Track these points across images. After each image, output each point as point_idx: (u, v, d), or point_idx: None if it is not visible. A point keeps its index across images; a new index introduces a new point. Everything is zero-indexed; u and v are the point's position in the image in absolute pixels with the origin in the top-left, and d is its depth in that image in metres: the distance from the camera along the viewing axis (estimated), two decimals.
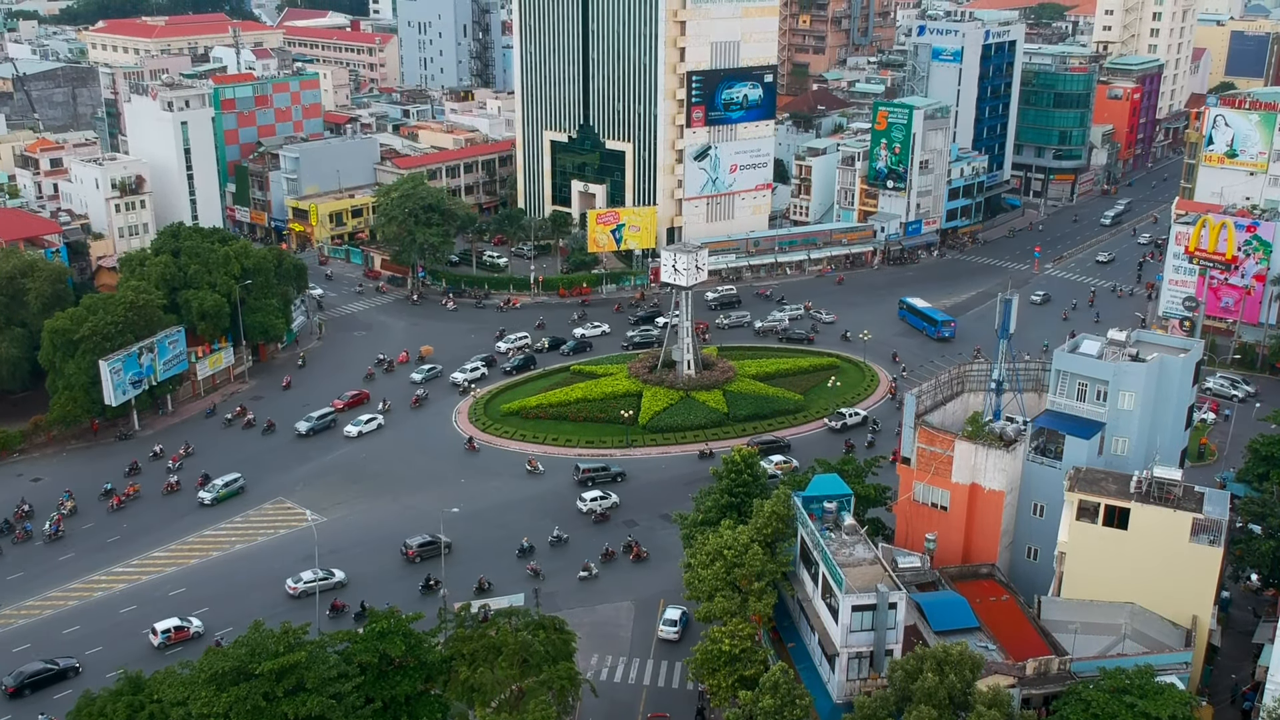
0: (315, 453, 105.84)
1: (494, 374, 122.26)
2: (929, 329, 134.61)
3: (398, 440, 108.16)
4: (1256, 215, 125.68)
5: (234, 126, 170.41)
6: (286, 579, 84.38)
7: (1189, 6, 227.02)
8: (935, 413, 78.51)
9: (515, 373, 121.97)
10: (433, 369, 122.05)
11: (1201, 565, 64.77)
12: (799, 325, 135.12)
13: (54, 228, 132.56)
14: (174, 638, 77.54)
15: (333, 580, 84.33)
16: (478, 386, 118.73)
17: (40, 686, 73.31)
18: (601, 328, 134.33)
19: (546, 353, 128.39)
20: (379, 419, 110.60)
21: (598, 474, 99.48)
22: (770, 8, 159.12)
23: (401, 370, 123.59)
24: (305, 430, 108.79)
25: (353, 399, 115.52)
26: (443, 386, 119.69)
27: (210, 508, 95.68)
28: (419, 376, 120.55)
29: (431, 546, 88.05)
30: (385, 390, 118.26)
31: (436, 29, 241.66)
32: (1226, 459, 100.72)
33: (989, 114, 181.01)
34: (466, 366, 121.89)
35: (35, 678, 73.49)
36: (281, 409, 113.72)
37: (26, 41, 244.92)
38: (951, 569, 72.44)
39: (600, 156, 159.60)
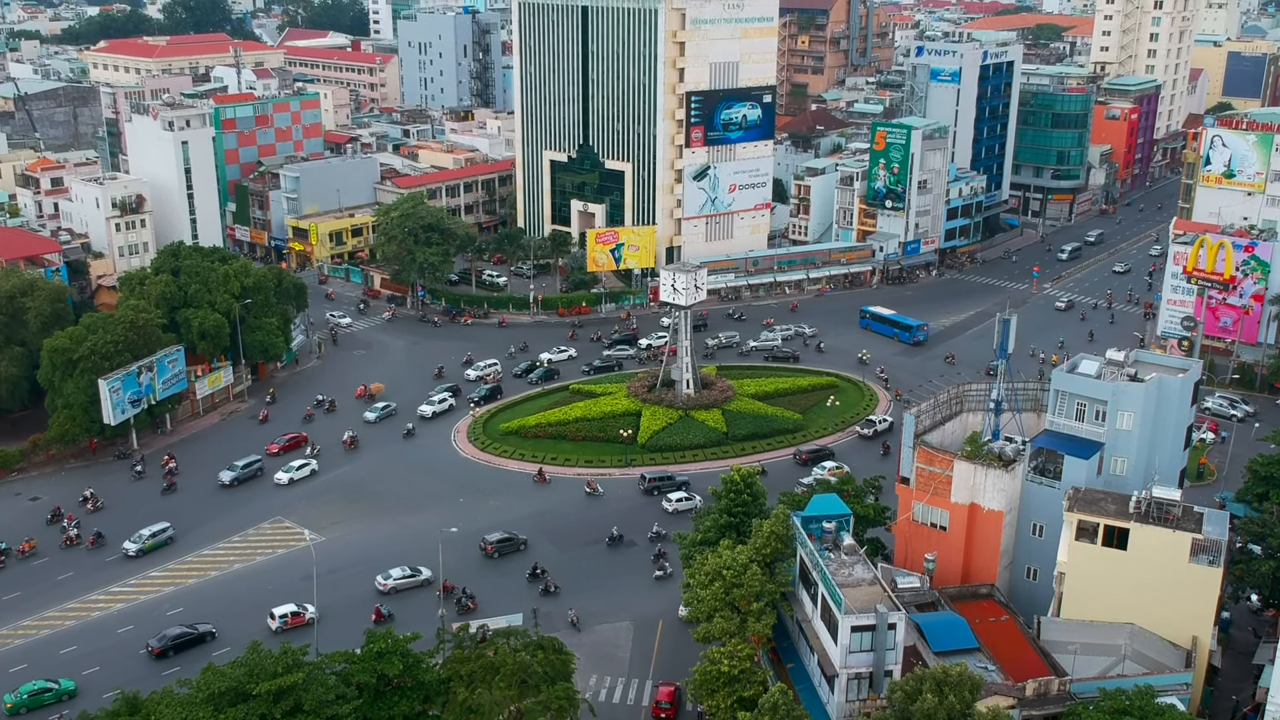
0: (238, 504, 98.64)
1: (463, 403, 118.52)
2: (903, 335, 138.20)
3: (397, 460, 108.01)
4: (1254, 235, 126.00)
5: (234, 146, 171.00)
6: (376, 575, 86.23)
7: (1186, 28, 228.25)
8: (934, 432, 78.54)
9: (483, 403, 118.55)
10: (387, 407, 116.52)
11: (1201, 586, 64.69)
12: (788, 344, 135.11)
13: (54, 247, 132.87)
14: (290, 623, 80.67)
15: (420, 577, 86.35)
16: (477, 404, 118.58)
17: (182, 649, 78.63)
18: (568, 351, 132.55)
19: (518, 378, 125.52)
20: (312, 464, 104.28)
21: (663, 483, 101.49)
22: (769, 28, 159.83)
23: (347, 410, 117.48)
24: (229, 480, 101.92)
25: (288, 442, 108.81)
26: (397, 425, 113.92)
27: (136, 559, 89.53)
28: (373, 416, 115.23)
29: (509, 543, 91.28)
30: (336, 429, 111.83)
31: (437, 49, 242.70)
32: (1226, 479, 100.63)
33: (987, 134, 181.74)
34: (434, 398, 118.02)
35: (178, 640, 78.91)
36: (217, 454, 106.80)
37: (28, 61, 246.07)
38: (951, 589, 72.32)
39: (600, 176, 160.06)
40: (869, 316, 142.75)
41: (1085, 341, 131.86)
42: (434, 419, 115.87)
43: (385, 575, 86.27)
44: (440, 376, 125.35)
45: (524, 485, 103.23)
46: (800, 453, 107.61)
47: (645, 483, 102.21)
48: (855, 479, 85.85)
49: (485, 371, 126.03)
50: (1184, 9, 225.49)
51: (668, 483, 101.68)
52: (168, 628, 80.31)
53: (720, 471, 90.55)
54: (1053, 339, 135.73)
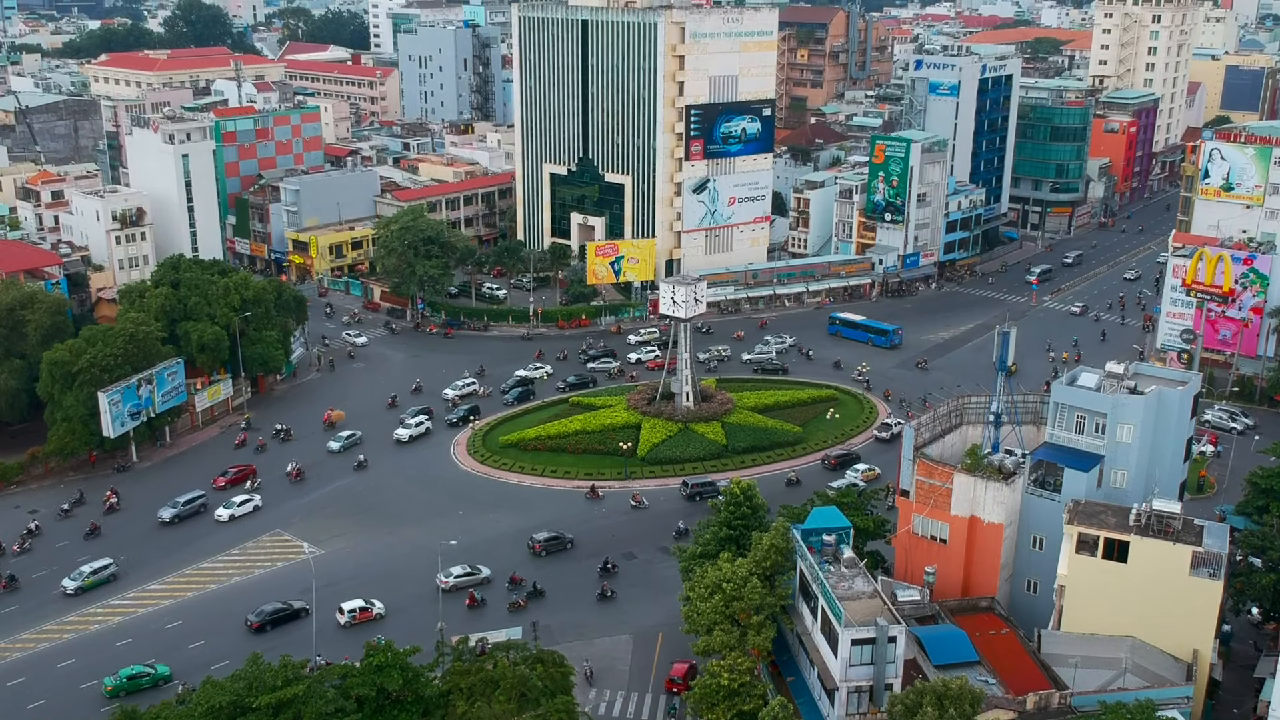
0: (178, 542, 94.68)
1: (439, 424, 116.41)
2: (878, 339, 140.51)
3: (395, 473, 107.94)
4: (1253, 248, 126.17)
5: (235, 159, 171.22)
6: (438, 574, 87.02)
7: (1184, 41, 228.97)
8: (934, 445, 78.52)
9: (461, 424, 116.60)
10: (352, 436, 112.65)
11: (1202, 599, 64.60)
12: (780, 357, 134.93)
13: (54, 259, 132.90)
14: (359, 618, 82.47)
15: (480, 575, 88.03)
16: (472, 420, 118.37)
17: (279, 624, 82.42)
18: (544, 368, 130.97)
19: (492, 397, 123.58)
20: (255, 499, 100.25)
21: (704, 488, 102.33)
22: (768, 42, 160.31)
23: (309, 439, 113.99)
24: (169, 517, 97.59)
25: (236, 475, 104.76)
26: (363, 451, 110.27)
27: (75, 597, 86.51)
28: (337, 445, 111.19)
29: (556, 541, 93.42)
30: (298, 458, 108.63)
31: (437, 63, 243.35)
32: (1226, 491, 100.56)
33: (986, 147, 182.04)
34: (409, 421, 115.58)
35: (275, 616, 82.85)
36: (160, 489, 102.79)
37: (29, 75, 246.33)
38: (951, 602, 72.22)
39: (599, 189, 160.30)
40: (839, 323, 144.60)
41: (1098, 341, 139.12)
42: (411, 443, 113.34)
43: (446, 573, 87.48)
44: (411, 395, 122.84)
45: (523, 497, 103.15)
46: (829, 457, 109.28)
47: (688, 489, 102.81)
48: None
49: (464, 390, 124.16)
50: (1182, 23, 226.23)
51: (709, 488, 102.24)
52: (265, 603, 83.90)
53: (720, 483, 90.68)
54: (1064, 342, 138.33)
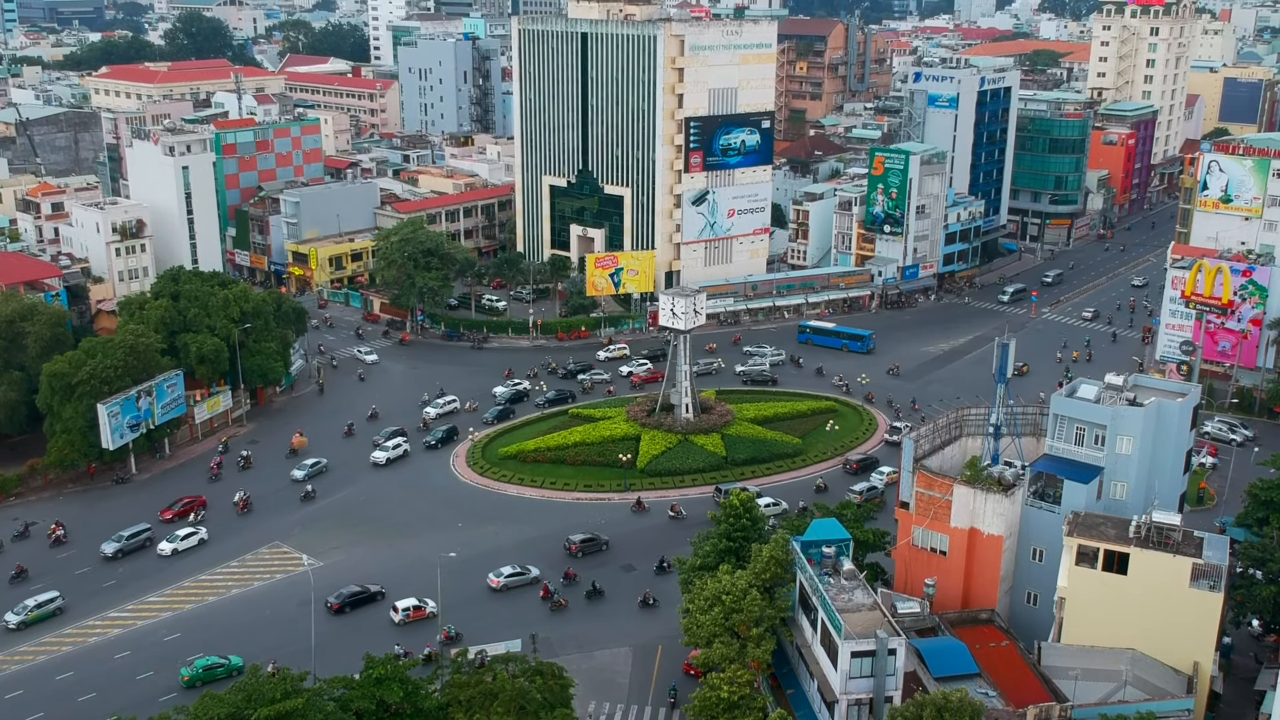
0: (122, 578, 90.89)
1: (417, 446, 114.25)
2: (853, 344, 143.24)
3: (395, 484, 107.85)
4: (1252, 260, 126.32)
5: (235, 171, 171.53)
6: (489, 573, 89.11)
7: (1182, 54, 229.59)
8: (933, 457, 78.48)
9: (440, 445, 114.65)
10: (317, 464, 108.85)
11: (1202, 611, 64.53)
12: (765, 370, 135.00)
13: (54, 271, 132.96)
14: (412, 616, 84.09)
15: (530, 575, 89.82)
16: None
17: (357, 605, 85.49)
18: (521, 384, 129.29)
19: (469, 413, 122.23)
20: (200, 533, 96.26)
21: None
22: (767, 55, 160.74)
23: (269, 465, 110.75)
24: (112, 553, 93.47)
25: (183, 507, 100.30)
26: (332, 480, 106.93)
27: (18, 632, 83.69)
28: (300, 474, 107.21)
29: (593, 543, 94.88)
30: (261, 485, 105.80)
31: (437, 75, 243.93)
32: (1226, 503, 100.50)
33: (985, 159, 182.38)
34: (386, 444, 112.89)
35: (354, 598, 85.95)
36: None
37: (30, 87, 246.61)
38: (951, 614, 72.12)
39: (599, 201, 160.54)
40: (809, 331, 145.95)
41: (1109, 342, 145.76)
42: (388, 465, 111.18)
43: (496, 573, 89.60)
44: (374, 418, 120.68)
45: (524, 509, 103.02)
46: (850, 461, 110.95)
47: (723, 495, 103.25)
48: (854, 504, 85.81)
49: (445, 409, 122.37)
50: (1180, 35, 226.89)
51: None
52: (344, 586, 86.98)
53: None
54: (1077, 344, 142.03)
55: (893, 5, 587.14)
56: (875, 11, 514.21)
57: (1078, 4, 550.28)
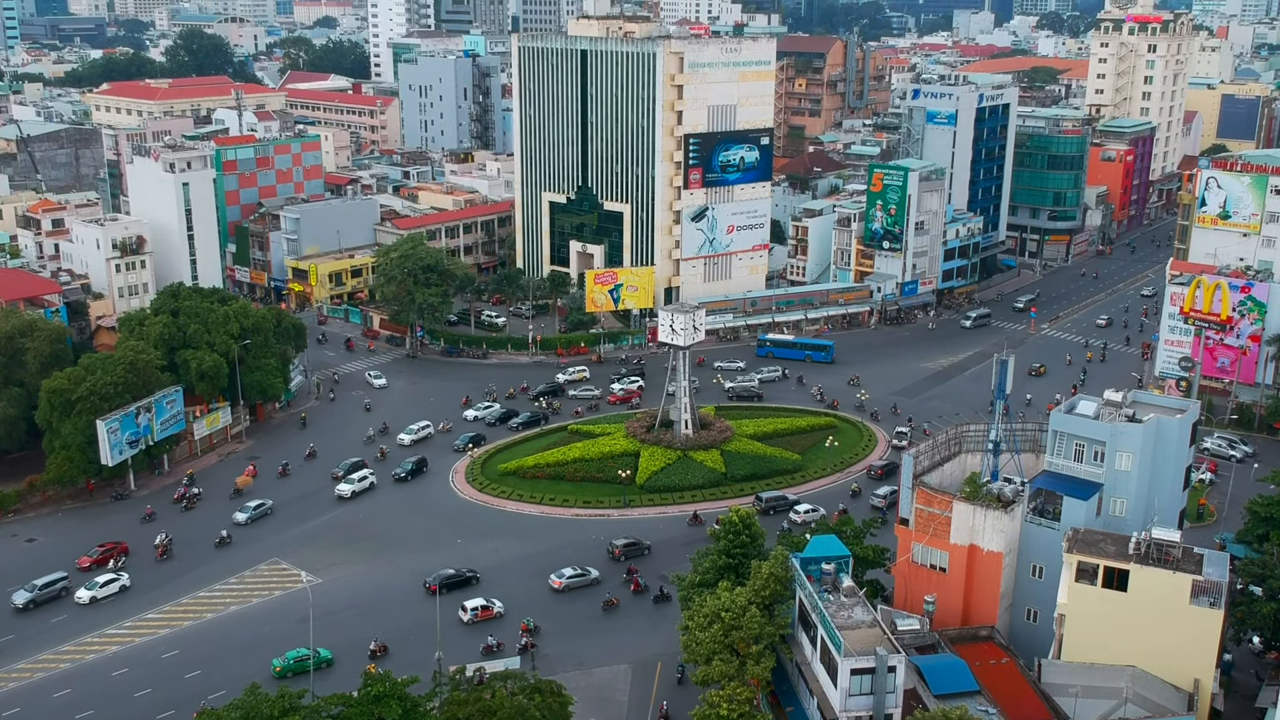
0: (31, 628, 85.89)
1: (386, 478, 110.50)
2: (816, 355, 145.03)
3: (394, 500, 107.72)
4: (1250, 276, 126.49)
5: (235, 187, 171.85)
6: (550, 574, 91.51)
7: (1180, 71, 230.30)
8: (933, 473, 78.42)
9: (410, 478, 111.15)
10: (261, 506, 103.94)
11: (1202, 628, 64.39)
12: (753, 385, 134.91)
13: (54, 287, 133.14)
14: (480, 615, 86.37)
15: (590, 576, 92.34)
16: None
17: (454, 588, 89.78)
18: (493, 407, 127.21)
19: (444, 433, 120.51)
20: (121, 579, 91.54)
21: (777, 503, 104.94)
22: (766, 72, 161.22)
23: (214, 502, 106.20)
24: (23, 603, 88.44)
25: (103, 554, 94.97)
26: (268, 527, 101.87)
27: None
28: (243, 517, 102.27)
29: (634, 547, 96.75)
30: (203, 526, 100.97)
31: (437, 92, 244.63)
32: (1225, 520, 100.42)
33: (984, 175, 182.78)
34: (353, 476, 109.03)
35: (450, 580, 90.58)
36: None
37: (31, 103, 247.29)
38: (951, 631, 71.95)
39: (598, 217, 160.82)
40: (769, 344, 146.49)
41: (1123, 344, 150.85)
42: (354, 499, 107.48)
43: (559, 574, 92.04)
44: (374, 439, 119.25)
45: (523, 526, 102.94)
46: (874, 468, 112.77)
47: (762, 503, 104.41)
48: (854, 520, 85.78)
49: (419, 434, 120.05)
50: (1178, 52, 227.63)
51: (782, 502, 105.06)
52: (441, 569, 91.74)
53: (720, 512, 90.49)
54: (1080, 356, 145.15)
55: (891, 22, 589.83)
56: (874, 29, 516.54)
57: (1076, 21, 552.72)
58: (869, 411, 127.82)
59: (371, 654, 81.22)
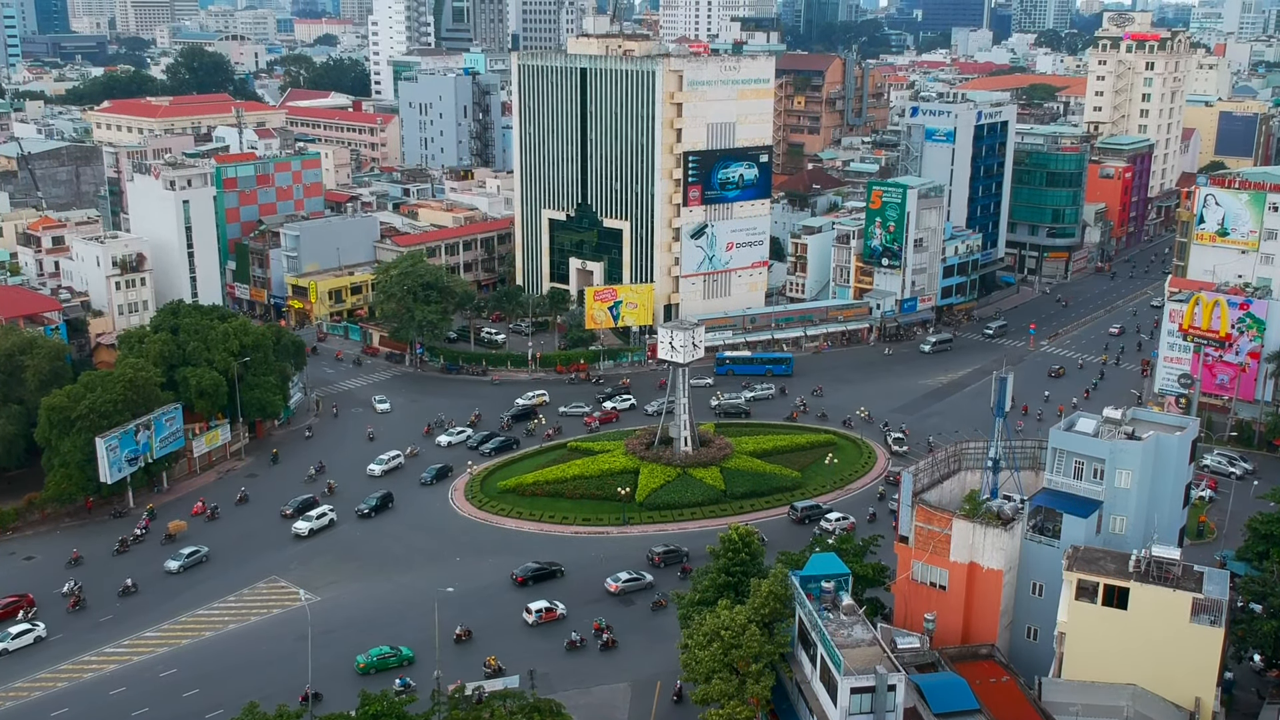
0: None
1: (348, 514, 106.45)
2: (777, 369, 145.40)
3: (393, 518, 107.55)
4: (1249, 293, 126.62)
5: (235, 205, 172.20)
6: (607, 579, 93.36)
7: (1177, 88, 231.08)
8: (932, 491, 78.33)
9: (373, 514, 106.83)
10: (195, 554, 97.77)
11: (1203, 646, 64.18)
12: (740, 403, 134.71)
13: (54, 305, 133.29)
14: (545, 618, 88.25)
15: (644, 580, 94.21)
16: None
17: (540, 580, 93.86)
18: (465, 432, 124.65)
19: (412, 459, 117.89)
20: (37, 629, 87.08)
21: (813, 511, 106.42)
22: (765, 90, 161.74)
23: (146, 546, 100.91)
24: None
25: (8, 607, 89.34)
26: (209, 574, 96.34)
27: None
28: (176, 565, 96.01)
29: (674, 554, 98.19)
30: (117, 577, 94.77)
31: (437, 110, 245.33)
32: (1226, 537, 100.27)
33: (982, 193, 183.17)
34: (311, 513, 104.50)
35: (537, 572, 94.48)
36: None
37: (32, 121, 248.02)
38: (951, 649, 71.73)
39: (598, 234, 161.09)
40: (729, 362, 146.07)
41: (1135, 350, 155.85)
42: (311, 536, 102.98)
43: (615, 578, 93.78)
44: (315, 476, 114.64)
45: (522, 543, 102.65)
46: (893, 474, 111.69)
47: (797, 513, 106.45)
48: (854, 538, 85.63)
49: (390, 464, 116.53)
50: (1175, 70, 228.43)
51: (816, 511, 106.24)
52: (528, 562, 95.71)
53: (719, 529, 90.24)
54: (1075, 380, 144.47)
55: (890, 40, 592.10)
56: (872, 46, 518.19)
57: (1073, 39, 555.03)
58: (880, 425, 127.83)
59: (456, 638, 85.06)
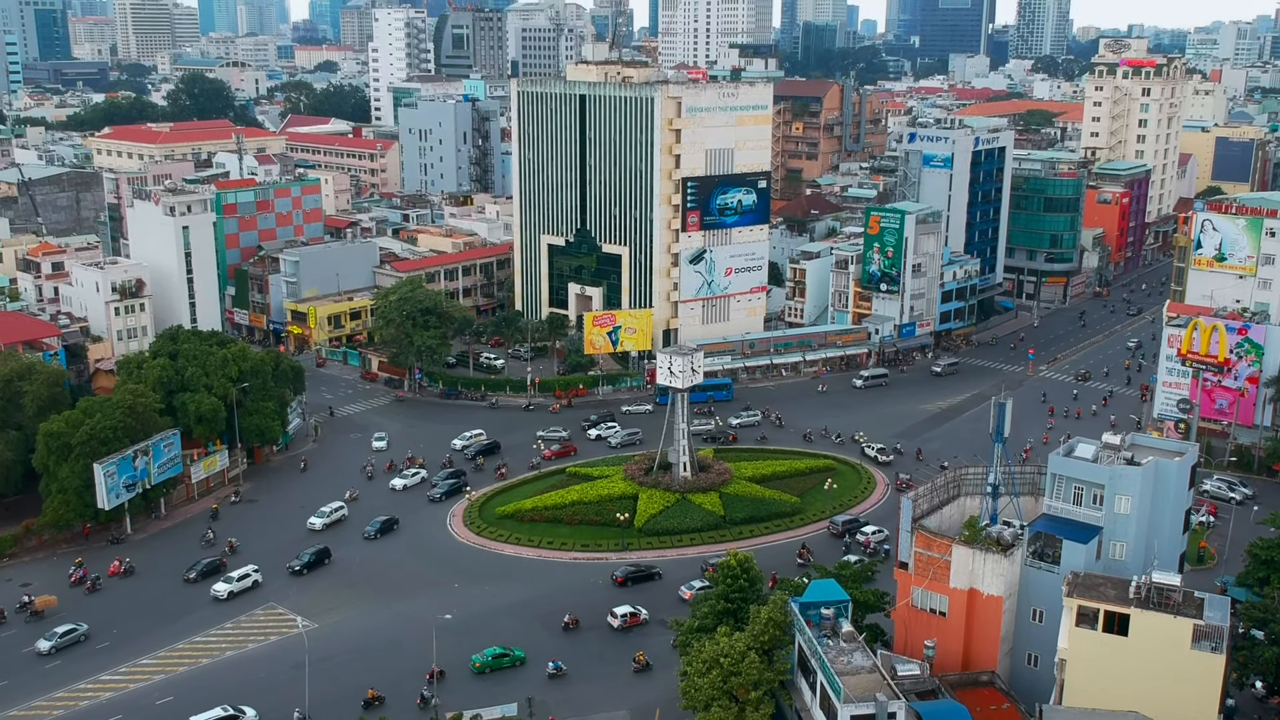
0: None
1: (277, 573, 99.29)
2: (719, 395, 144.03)
3: (392, 545, 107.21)
4: (1247, 318, 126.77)
5: (235, 231, 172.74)
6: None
7: (1174, 114, 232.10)
8: (932, 516, 78.18)
9: (306, 571, 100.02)
10: (71, 632, 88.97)
11: (1204, 673, 63.91)
12: (725, 427, 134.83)
13: (53, 330, 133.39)
14: (629, 622, 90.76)
15: (652, 569, 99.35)
16: None
17: (638, 581, 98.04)
18: (420, 475, 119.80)
19: (351, 501, 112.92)
20: None
21: (851, 526, 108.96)
22: (764, 116, 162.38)
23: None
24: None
25: None
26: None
27: None
28: (47, 646, 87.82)
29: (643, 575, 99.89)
30: None
31: (437, 136, 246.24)
32: (1226, 563, 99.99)
33: (980, 218, 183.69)
34: (231, 574, 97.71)
35: (635, 573, 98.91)
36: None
37: (33, 147, 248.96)
38: (951, 676, 71.42)
39: (597, 260, 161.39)
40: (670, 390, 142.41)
41: (1150, 359, 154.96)
42: (230, 599, 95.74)
43: (689, 585, 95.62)
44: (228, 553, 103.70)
45: (520, 569, 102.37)
46: (906, 482, 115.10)
47: (837, 527, 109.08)
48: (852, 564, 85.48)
49: (332, 517, 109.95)
50: (1171, 96, 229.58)
51: (855, 524, 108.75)
52: (626, 563, 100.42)
53: (717, 556, 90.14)
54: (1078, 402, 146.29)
55: (887, 66, 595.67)
56: (870, 73, 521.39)
57: (1070, 65, 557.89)
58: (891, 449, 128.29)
59: (565, 626, 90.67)
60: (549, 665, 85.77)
